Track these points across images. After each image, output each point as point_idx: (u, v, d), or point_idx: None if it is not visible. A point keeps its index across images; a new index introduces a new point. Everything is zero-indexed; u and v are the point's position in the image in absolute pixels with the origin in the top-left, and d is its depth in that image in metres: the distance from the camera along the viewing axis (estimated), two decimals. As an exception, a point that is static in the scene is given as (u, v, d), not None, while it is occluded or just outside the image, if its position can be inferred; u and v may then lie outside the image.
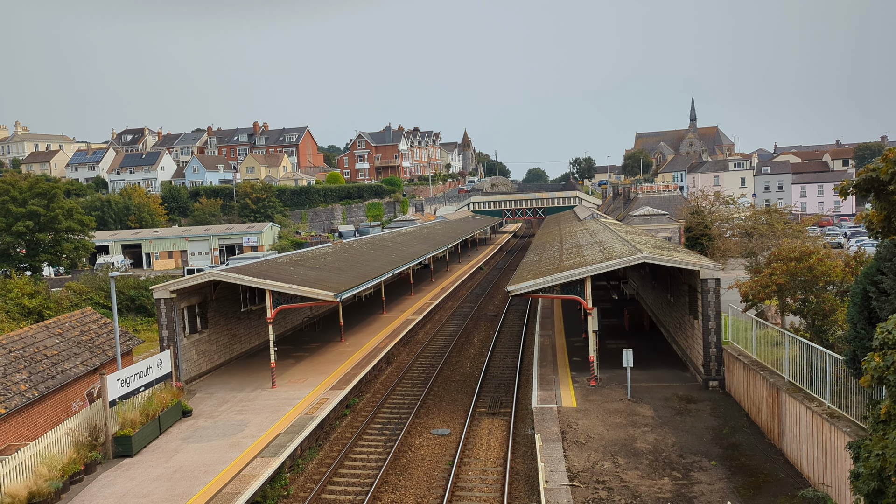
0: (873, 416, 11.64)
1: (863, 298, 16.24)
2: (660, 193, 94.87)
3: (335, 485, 21.66)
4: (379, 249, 49.96)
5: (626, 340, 34.60)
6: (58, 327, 29.27)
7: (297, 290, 28.67)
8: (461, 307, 54.10)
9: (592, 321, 27.96)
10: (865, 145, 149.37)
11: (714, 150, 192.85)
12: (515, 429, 25.70)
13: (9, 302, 46.17)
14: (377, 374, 33.97)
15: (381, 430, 26.42)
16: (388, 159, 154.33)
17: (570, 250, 38.16)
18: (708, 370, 26.85)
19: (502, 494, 20.27)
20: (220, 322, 33.73)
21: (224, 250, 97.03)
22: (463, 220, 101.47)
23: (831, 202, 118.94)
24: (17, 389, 23.81)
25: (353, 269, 38.18)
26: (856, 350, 16.02)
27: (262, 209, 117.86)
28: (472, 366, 35.56)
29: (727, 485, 18.66)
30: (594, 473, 19.80)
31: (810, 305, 25.24)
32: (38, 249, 65.27)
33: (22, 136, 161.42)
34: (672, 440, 21.91)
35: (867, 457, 11.06)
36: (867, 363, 11.14)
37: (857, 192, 14.69)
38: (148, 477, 20.67)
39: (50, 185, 67.21)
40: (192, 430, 24.58)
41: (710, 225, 50.57)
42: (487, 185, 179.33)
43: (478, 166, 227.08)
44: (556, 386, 27.93)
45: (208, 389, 29.80)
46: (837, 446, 16.55)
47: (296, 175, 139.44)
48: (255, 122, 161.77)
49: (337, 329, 40.22)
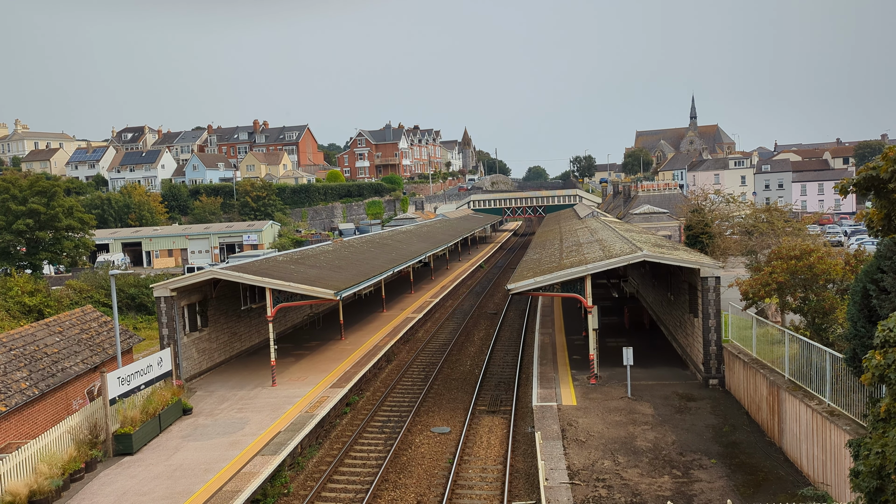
0: (873, 415, 11.64)
1: (863, 297, 16.24)
2: (660, 192, 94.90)
3: (335, 483, 21.67)
4: (379, 248, 49.96)
5: (626, 338, 34.61)
6: (58, 325, 29.29)
7: (297, 288, 28.68)
8: (461, 305, 54.12)
9: (592, 319, 27.97)
10: (866, 143, 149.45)
11: (714, 149, 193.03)
12: (515, 427, 25.71)
13: (9, 300, 46.20)
14: (377, 373, 33.98)
15: (381, 428, 26.43)
16: (389, 157, 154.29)
17: (571, 248, 38.16)
18: (708, 368, 26.86)
19: (502, 492, 20.28)
20: (221, 320, 33.74)
21: (224, 248, 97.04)
22: (463, 219, 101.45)
23: (832, 200, 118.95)
24: (17, 387, 23.82)
25: (354, 267, 38.19)
26: (856, 348, 16.03)
27: (262, 207, 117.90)
28: (473, 364, 35.58)
29: (727, 483, 18.67)
30: (594, 471, 19.81)
31: (810, 304, 25.23)
32: (39, 247, 65.34)
33: (22, 135, 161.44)
34: (672, 438, 21.92)
35: (867, 455, 11.06)
36: (868, 361, 11.13)
37: (858, 190, 14.67)
38: (148, 475, 20.68)
39: (50, 184, 67.30)
40: (192, 429, 24.60)
41: (710, 223, 50.56)
42: (488, 183, 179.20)
43: (478, 164, 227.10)
44: (556, 384, 27.94)
45: (208, 387, 29.82)
46: (837, 444, 16.56)
47: (296, 173, 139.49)
48: (256, 121, 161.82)
49: (337, 327, 40.23)
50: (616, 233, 40.29)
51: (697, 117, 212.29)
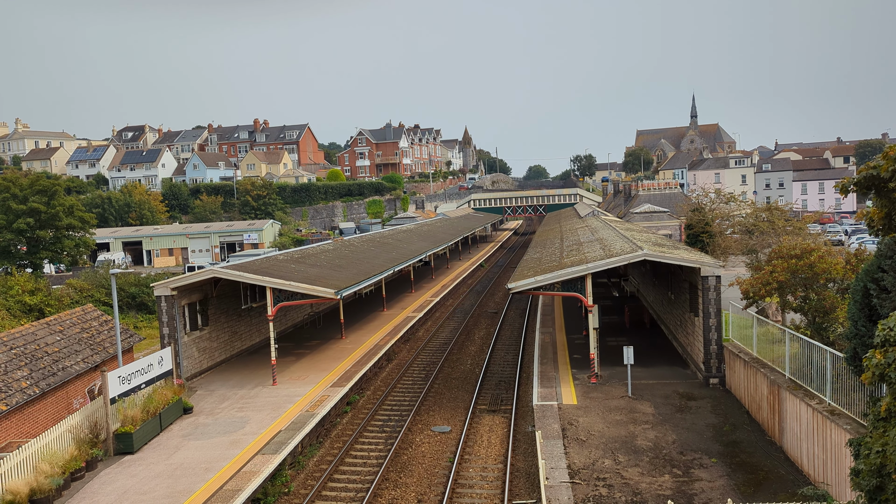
0: (874, 414, 11.64)
1: (863, 296, 16.24)
2: (661, 191, 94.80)
3: (336, 482, 21.68)
4: (379, 247, 49.96)
5: (626, 338, 34.61)
6: (59, 324, 29.31)
7: (297, 287, 28.68)
8: (462, 304, 54.13)
9: (593, 318, 27.97)
10: (866, 142, 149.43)
11: (715, 148, 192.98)
12: (516, 426, 25.72)
13: (10, 299, 46.26)
14: (378, 372, 33.99)
15: (381, 427, 26.44)
16: (389, 156, 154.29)
17: (571, 247, 38.16)
18: (708, 367, 26.86)
19: (503, 491, 20.29)
20: (221, 319, 33.75)
21: (225, 247, 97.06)
22: (463, 218, 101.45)
23: (832, 199, 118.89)
24: (18, 386, 23.85)
25: (354, 266, 38.20)
26: (856, 347, 16.03)
27: (262, 206, 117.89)
28: (473, 363, 35.58)
29: (728, 482, 18.67)
30: (595, 470, 19.82)
31: (811, 303, 25.24)
32: (39, 246, 65.35)
33: (22, 134, 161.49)
34: (672, 437, 21.93)
35: (867, 454, 11.06)
36: (868, 360, 11.13)
37: (858, 189, 14.69)
38: (149, 474, 20.69)
39: (50, 183, 67.30)
40: (192, 427, 24.61)
41: (710, 222, 50.57)
42: (488, 182, 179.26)
43: (478, 163, 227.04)
44: (556, 383, 27.95)
45: (209, 386, 29.83)
46: (838, 443, 16.56)
47: (296, 172, 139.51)
48: (256, 120, 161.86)
49: (337, 326, 40.24)
50: (616, 232, 40.29)
51: (698, 116, 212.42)
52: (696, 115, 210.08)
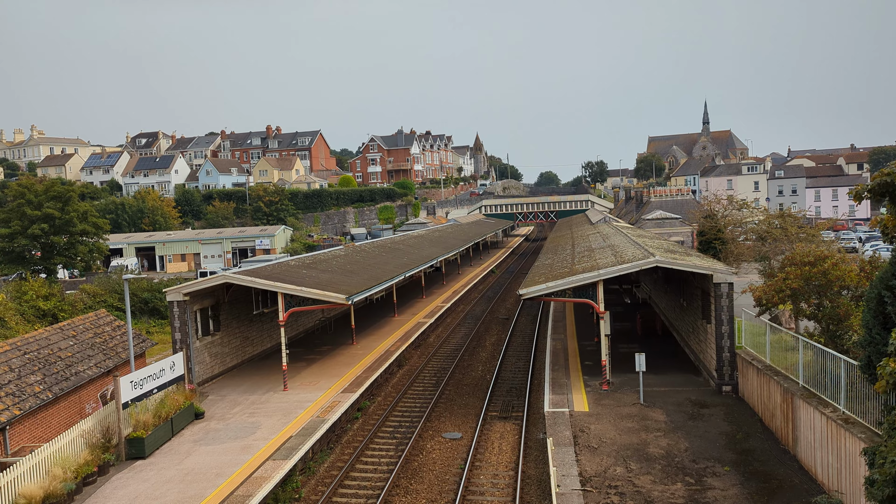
0: (888, 422, 11.54)
1: (878, 303, 16.08)
2: (672, 197, 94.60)
3: (346, 488, 21.67)
4: (390, 252, 50.03)
5: (638, 345, 34.45)
6: (72, 329, 29.50)
7: (308, 292, 28.76)
8: (473, 310, 54.07)
9: (605, 325, 27.86)
10: (880, 149, 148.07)
11: (727, 154, 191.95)
12: (527, 433, 25.64)
13: (24, 304, 46.66)
14: (388, 378, 33.98)
15: (392, 433, 26.43)
16: (400, 163, 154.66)
17: (583, 254, 38.07)
18: (721, 375, 26.69)
19: (514, 499, 20.22)
20: (233, 324, 33.88)
21: (237, 253, 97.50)
22: (474, 224, 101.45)
23: (846, 206, 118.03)
24: (31, 391, 24.01)
25: (365, 271, 38.25)
26: (871, 355, 15.87)
27: (274, 212, 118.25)
28: (484, 369, 35.52)
29: (741, 491, 18.53)
30: (606, 478, 19.72)
31: (825, 310, 25.05)
32: (53, 252, 65.87)
33: (38, 140, 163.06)
34: (685, 445, 21.79)
35: (882, 463, 10.96)
36: (882, 368, 11.05)
37: (872, 196, 14.59)
38: (160, 479, 20.77)
39: (65, 189, 67.81)
40: (204, 433, 24.69)
41: (723, 229, 50.31)
42: (499, 188, 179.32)
43: (490, 170, 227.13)
44: (568, 390, 27.85)
45: (220, 392, 29.93)
46: (852, 452, 16.40)
47: (308, 178, 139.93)
48: (268, 126, 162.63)
49: (348, 332, 40.30)
50: (628, 238, 40.16)
51: (710, 123, 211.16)
52: (708, 121, 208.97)
